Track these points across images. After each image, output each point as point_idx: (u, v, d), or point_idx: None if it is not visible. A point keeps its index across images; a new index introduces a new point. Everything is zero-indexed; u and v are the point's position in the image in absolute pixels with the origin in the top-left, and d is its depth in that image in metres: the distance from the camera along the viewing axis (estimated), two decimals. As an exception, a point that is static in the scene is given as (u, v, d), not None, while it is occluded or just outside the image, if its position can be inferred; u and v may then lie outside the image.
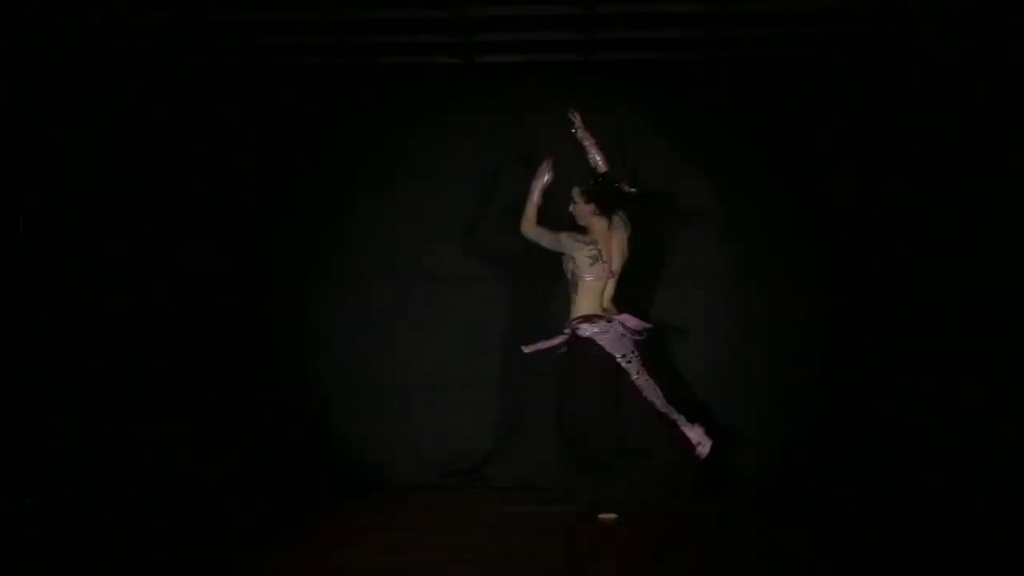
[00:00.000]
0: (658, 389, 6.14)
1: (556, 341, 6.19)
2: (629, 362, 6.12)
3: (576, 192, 6.28)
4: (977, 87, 6.82)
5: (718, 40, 6.63)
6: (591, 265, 6.14)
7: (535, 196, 6.27)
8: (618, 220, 6.28)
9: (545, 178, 6.27)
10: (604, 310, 6.17)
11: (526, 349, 6.21)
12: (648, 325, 6.23)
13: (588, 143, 6.33)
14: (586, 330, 6.10)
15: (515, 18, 6.30)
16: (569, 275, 6.21)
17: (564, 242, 6.16)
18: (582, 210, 6.28)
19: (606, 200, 6.23)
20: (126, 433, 6.80)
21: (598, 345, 6.09)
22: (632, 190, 6.27)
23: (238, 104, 7.03)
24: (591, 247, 6.15)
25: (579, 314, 6.15)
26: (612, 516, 6.02)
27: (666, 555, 5.36)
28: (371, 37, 6.58)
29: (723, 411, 6.91)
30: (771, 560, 5.24)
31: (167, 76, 6.97)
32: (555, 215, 6.34)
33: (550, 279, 6.52)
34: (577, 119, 6.33)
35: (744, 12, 6.23)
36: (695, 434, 6.04)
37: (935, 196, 6.90)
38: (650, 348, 6.85)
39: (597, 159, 6.33)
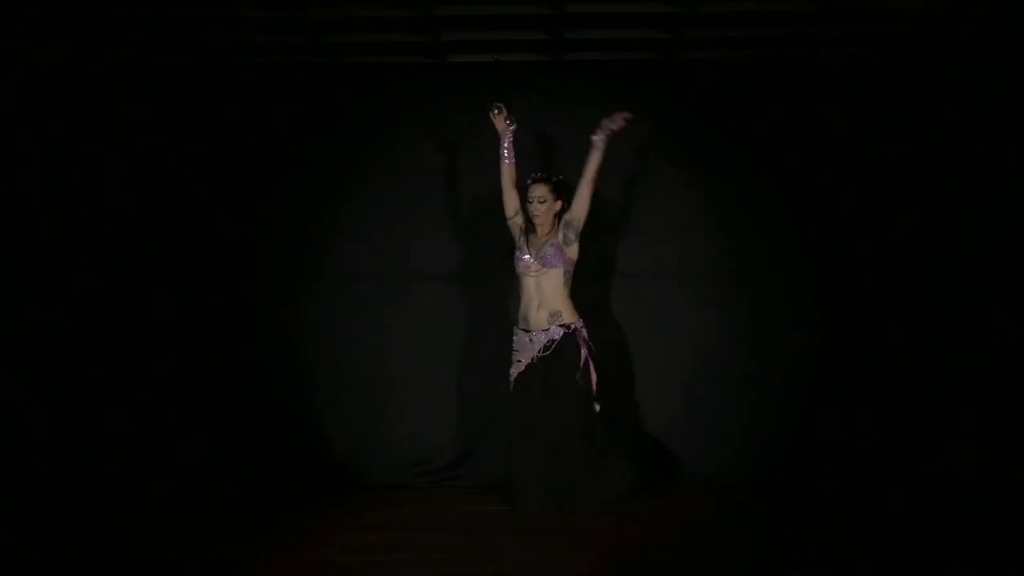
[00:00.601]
0: None
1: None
2: None
3: (546, 189, 6.16)
4: (971, 84, 6.81)
5: (689, 40, 6.62)
6: None
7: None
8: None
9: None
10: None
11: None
12: None
13: (509, 138, 6.20)
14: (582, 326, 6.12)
15: (486, 17, 6.27)
16: (571, 266, 6.12)
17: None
18: (551, 208, 6.17)
19: (568, 196, 6.18)
20: (105, 431, 6.79)
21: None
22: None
23: (215, 105, 6.97)
24: None
25: (574, 310, 6.10)
26: None
27: (652, 554, 5.33)
28: (343, 36, 6.54)
29: (719, 411, 6.90)
30: (766, 560, 5.20)
31: (150, 76, 6.95)
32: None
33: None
34: (503, 109, 6.20)
35: (711, 13, 6.22)
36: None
37: (926, 194, 6.88)
38: (644, 348, 6.87)
39: (507, 153, 6.21)
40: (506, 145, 6.21)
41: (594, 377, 6.08)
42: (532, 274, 6.13)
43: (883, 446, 6.76)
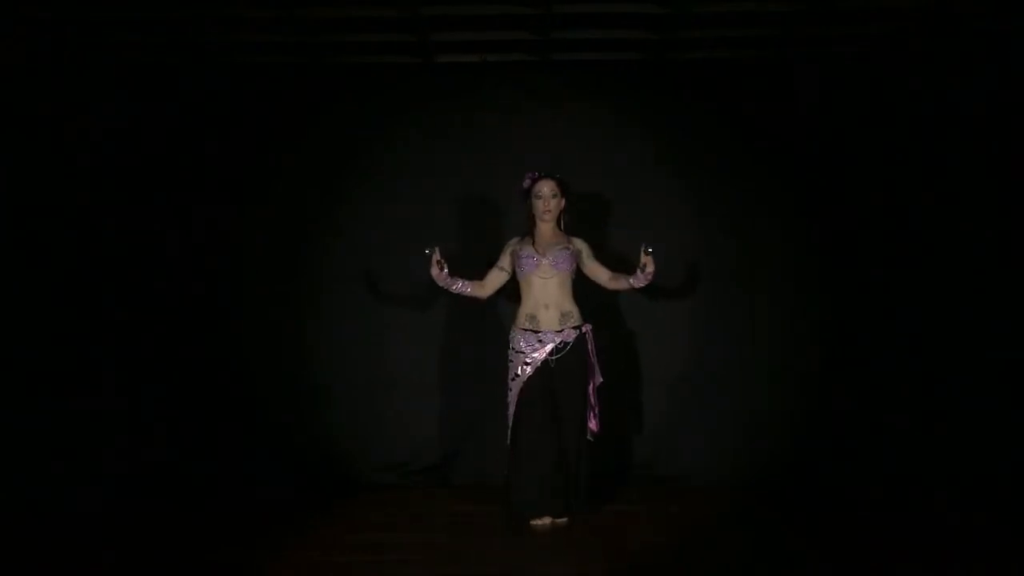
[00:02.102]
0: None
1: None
2: None
3: (554, 184, 6.06)
4: (971, 84, 6.79)
5: (675, 41, 6.61)
6: None
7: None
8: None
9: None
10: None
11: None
12: None
13: (447, 282, 6.09)
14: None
15: (473, 17, 6.25)
16: (575, 272, 6.08)
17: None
18: (559, 204, 6.09)
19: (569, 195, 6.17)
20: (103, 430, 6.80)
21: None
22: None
23: (215, 104, 6.95)
24: None
25: (580, 312, 6.08)
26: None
27: (652, 554, 5.32)
28: (329, 36, 6.53)
29: (722, 411, 6.89)
30: (766, 560, 5.20)
31: (148, 76, 6.93)
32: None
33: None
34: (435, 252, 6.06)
35: (698, 14, 6.20)
36: None
37: (927, 194, 6.86)
38: (644, 348, 6.88)
39: (463, 286, 6.12)
40: (454, 286, 6.10)
41: (597, 380, 6.05)
42: (541, 276, 6.04)
43: (885, 446, 6.75)
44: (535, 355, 5.98)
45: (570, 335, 5.98)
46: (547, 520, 5.89)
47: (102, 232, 6.88)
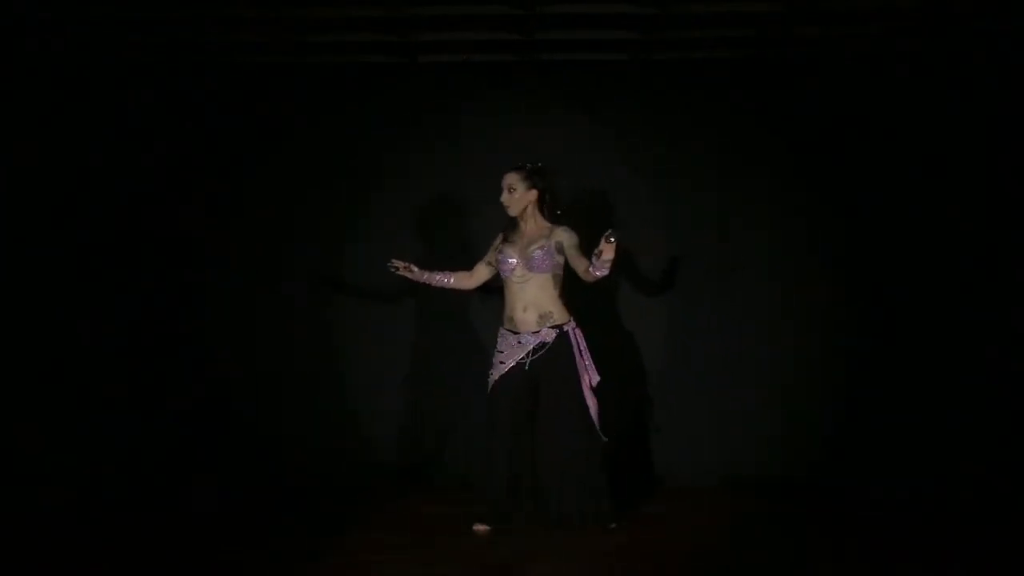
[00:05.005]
0: None
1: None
2: None
3: (516, 177, 5.76)
4: (972, 84, 6.82)
5: (662, 41, 6.63)
6: None
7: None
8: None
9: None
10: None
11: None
12: None
13: (427, 278, 6.01)
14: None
15: (458, 17, 6.27)
16: (560, 270, 5.73)
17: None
18: (524, 197, 5.76)
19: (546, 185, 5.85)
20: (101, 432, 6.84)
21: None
22: None
23: (197, 104, 6.99)
24: None
25: (566, 309, 5.78)
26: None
27: (653, 555, 5.28)
28: (313, 36, 6.57)
29: (720, 411, 6.88)
30: (765, 562, 5.14)
31: (144, 77, 6.98)
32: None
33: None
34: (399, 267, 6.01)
35: (692, 13, 6.21)
36: None
37: (928, 193, 6.88)
38: (649, 348, 6.86)
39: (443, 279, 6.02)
40: (436, 280, 6.02)
41: (592, 379, 5.71)
42: (517, 280, 5.74)
43: (884, 445, 6.74)
44: (512, 356, 5.72)
45: (548, 335, 5.68)
46: (483, 528, 5.67)
47: (101, 231, 6.91)
